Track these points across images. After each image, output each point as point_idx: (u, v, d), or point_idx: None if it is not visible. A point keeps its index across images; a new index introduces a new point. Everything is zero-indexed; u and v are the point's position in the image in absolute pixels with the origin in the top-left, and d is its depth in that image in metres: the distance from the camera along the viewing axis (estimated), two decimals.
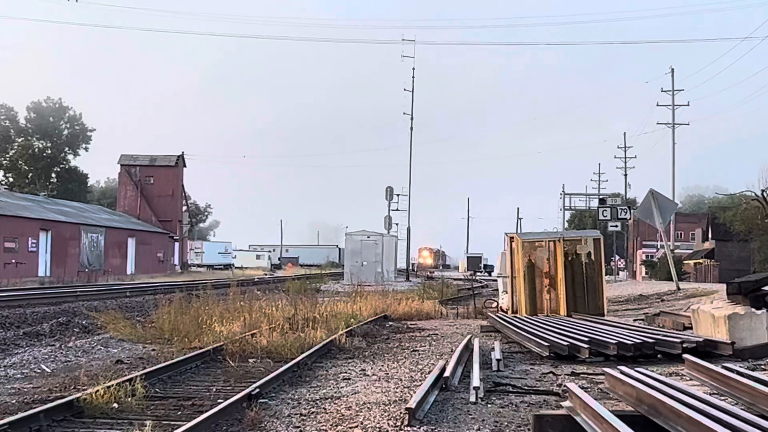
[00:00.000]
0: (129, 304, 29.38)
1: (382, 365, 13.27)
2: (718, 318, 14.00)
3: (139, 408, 9.38)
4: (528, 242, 22.82)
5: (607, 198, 68.58)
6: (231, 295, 21.87)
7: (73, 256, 60.33)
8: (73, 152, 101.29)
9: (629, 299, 33.87)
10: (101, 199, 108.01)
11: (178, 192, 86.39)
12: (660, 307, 25.69)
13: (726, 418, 6.16)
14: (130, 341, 17.05)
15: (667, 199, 34.32)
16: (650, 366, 11.58)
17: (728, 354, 12.62)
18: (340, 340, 16.03)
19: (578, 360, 12.85)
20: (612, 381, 9.05)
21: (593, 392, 9.47)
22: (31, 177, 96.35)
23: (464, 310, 26.97)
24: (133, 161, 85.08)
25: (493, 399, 9.66)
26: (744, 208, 48.21)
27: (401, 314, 24.66)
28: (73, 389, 10.68)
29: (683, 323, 17.30)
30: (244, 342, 15.16)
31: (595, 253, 22.25)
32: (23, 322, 21.17)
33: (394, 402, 9.57)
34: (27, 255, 53.50)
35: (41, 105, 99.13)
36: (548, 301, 22.18)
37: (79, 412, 9.04)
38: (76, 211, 70.05)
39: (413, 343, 16.88)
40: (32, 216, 56.56)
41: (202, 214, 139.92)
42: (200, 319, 17.76)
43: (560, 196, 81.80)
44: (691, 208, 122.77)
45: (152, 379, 11.09)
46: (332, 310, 21.87)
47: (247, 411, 8.82)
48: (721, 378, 8.87)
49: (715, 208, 63.82)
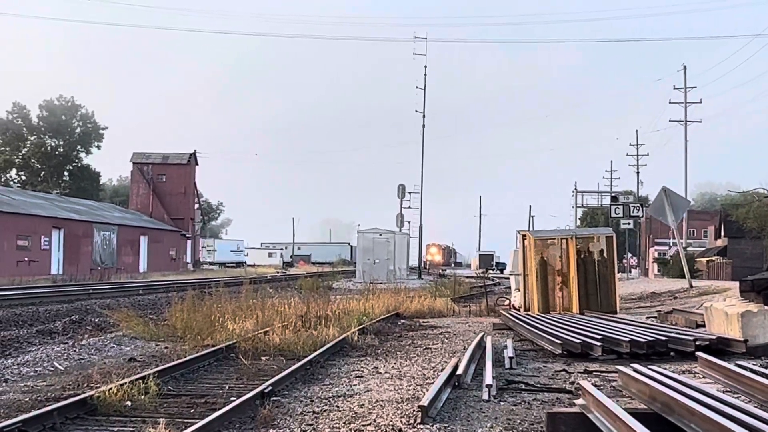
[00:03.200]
0: (141, 302, 29.47)
1: (394, 363, 13.27)
2: (731, 315, 13.96)
3: (152, 406, 9.39)
4: (540, 240, 22.80)
5: (620, 195, 68.39)
6: (243, 293, 21.87)
7: (86, 254, 60.57)
8: (85, 150, 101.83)
9: (642, 297, 33.79)
10: (113, 197, 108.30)
11: (190, 190, 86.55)
12: (672, 304, 25.63)
13: (740, 415, 6.14)
14: (142, 339, 17.09)
15: (679, 196, 34.25)
16: (663, 364, 11.54)
17: (741, 351, 12.60)
18: (352, 337, 16.02)
19: (591, 358, 12.83)
20: (625, 379, 9.04)
21: (606, 390, 9.46)
22: (44, 175, 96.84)
23: (476, 308, 26.92)
24: (146, 159, 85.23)
25: (505, 397, 9.66)
26: (757, 206, 48.02)
27: (413, 312, 24.63)
28: (86, 387, 10.70)
29: (696, 321, 17.26)
30: (256, 340, 15.17)
31: (608, 251, 22.23)
32: (36, 320, 21.26)
33: (407, 400, 9.57)
34: (40, 253, 53.75)
35: (54, 103, 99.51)
36: (561, 298, 22.16)
37: (93, 410, 9.06)
38: (89, 209, 70.31)
39: (426, 341, 16.88)
40: (45, 214, 56.81)
41: (214, 211, 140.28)
42: (213, 317, 17.77)
43: (572, 193, 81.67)
44: (704, 205, 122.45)
45: (165, 377, 11.10)
46: (344, 308, 21.86)
47: (260, 409, 8.83)
48: (735, 376, 8.86)
49: (728, 205, 63.40)
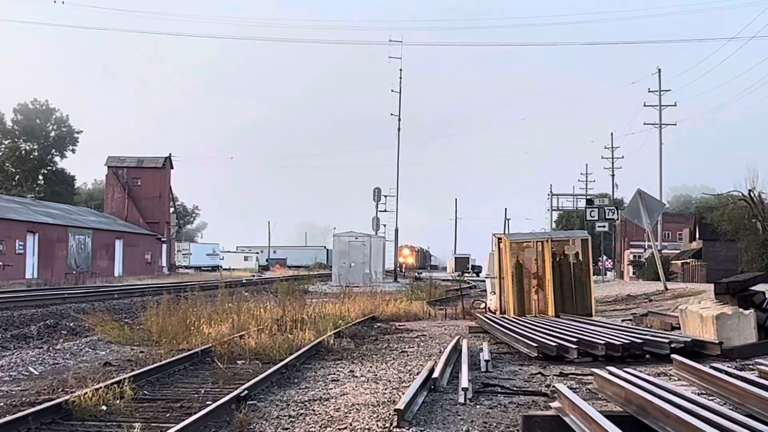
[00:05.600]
0: (117, 306, 29.29)
1: (370, 366, 13.26)
2: (706, 318, 14.06)
3: (127, 410, 9.35)
4: (516, 243, 22.84)
5: (595, 198, 68.82)
6: (219, 297, 21.80)
7: (61, 258, 60.11)
8: (60, 154, 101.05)
9: (617, 299, 33.98)
10: (88, 201, 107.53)
11: (165, 194, 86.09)
12: (648, 307, 25.77)
13: (714, 418, 6.18)
14: (118, 343, 16.99)
15: (654, 199, 34.45)
16: (638, 366, 11.61)
17: (716, 354, 12.68)
18: (328, 341, 16.01)
19: (567, 360, 12.87)
20: (600, 381, 9.08)
21: (582, 393, 9.49)
22: (18, 179, 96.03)
23: (452, 311, 26.97)
24: (120, 163, 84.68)
25: (481, 400, 9.67)
26: (731, 208, 48.36)
27: (389, 315, 24.64)
28: (61, 392, 10.63)
29: (671, 323, 17.36)
30: (232, 343, 15.11)
31: (583, 254, 22.30)
32: (10, 324, 21.07)
33: (382, 403, 9.57)
34: (14, 257, 53.30)
35: (28, 107, 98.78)
36: (536, 301, 22.20)
37: (68, 415, 9.01)
38: (64, 213, 69.80)
39: (402, 344, 16.88)
40: (19, 218, 56.32)
41: (189, 215, 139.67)
42: (188, 321, 17.69)
43: (548, 196, 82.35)
44: (679, 208, 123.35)
45: (141, 381, 11.05)
46: (320, 312, 21.83)
47: (235, 413, 8.81)
48: (710, 378, 8.91)
49: (703, 208, 63.94)
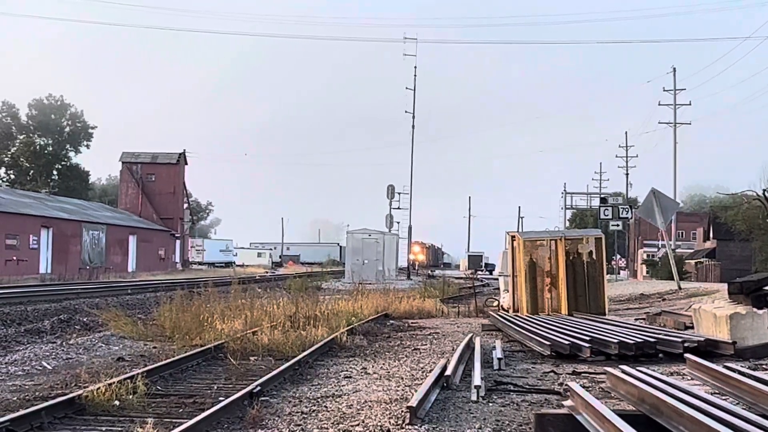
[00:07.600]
0: (130, 301, 29.38)
1: (383, 364, 13.27)
2: (719, 317, 14.00)
3: (140, 405, 9.37)
4: (529, 241, 22.81)
5: (609, 197, 68.57)
6: (232, 293, 21.83)
7: (75, 254, 60.35)
8: (74, 149, 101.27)
9: (630, 298, 33.86)
10: (102, 197, 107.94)
11: (179, 190, 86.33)
12: (661, 306, 25.68)
13: (728, 417, 6.16)
14: (131, 339, 17.04)
15: (668, 198, 34.30)
16: (652, 365, 11.56)
17: (730, 354, 12.62)
18: (341, 338, 16.01)
19: (580, 359, 12.84)
20: (614, 380, 9.05)
21: (595, 391, 9.47)
22: (33, 174, 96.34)
23: (465, 309, 26.95)
24: (135, 159, 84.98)
25: (494, 398, 9.66)
26: (745, 208, 48.22)
27: (402, 313, 24.64)
28: (74, 386, 10.67)
29: (684, 323, 17.29)
30: (245, 340, 15.14)
31: (597, 252, 22.24)
32: (24, 319, 21.16)
33: (395, 400, 9.57)
34: (28, 252, 53.52)
35: (43, 102, 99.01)
36: (549, 300, 22.16)
37: (81, 410, 9.04)
38: (78, 208, 70.07)
39: (414, 342, 16.88)
40: (34, 213, 56.59)
41: (203, 211, 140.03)
42: (201, 317, 17.71)
43: (562, 195, 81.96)
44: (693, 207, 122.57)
45: (153, 376, 11.07)
46: (333, 309, 21.82)
47: (248, 409, 8.82)
48: (723, 377, 8.87)
49: (717, 207, 63.68)
